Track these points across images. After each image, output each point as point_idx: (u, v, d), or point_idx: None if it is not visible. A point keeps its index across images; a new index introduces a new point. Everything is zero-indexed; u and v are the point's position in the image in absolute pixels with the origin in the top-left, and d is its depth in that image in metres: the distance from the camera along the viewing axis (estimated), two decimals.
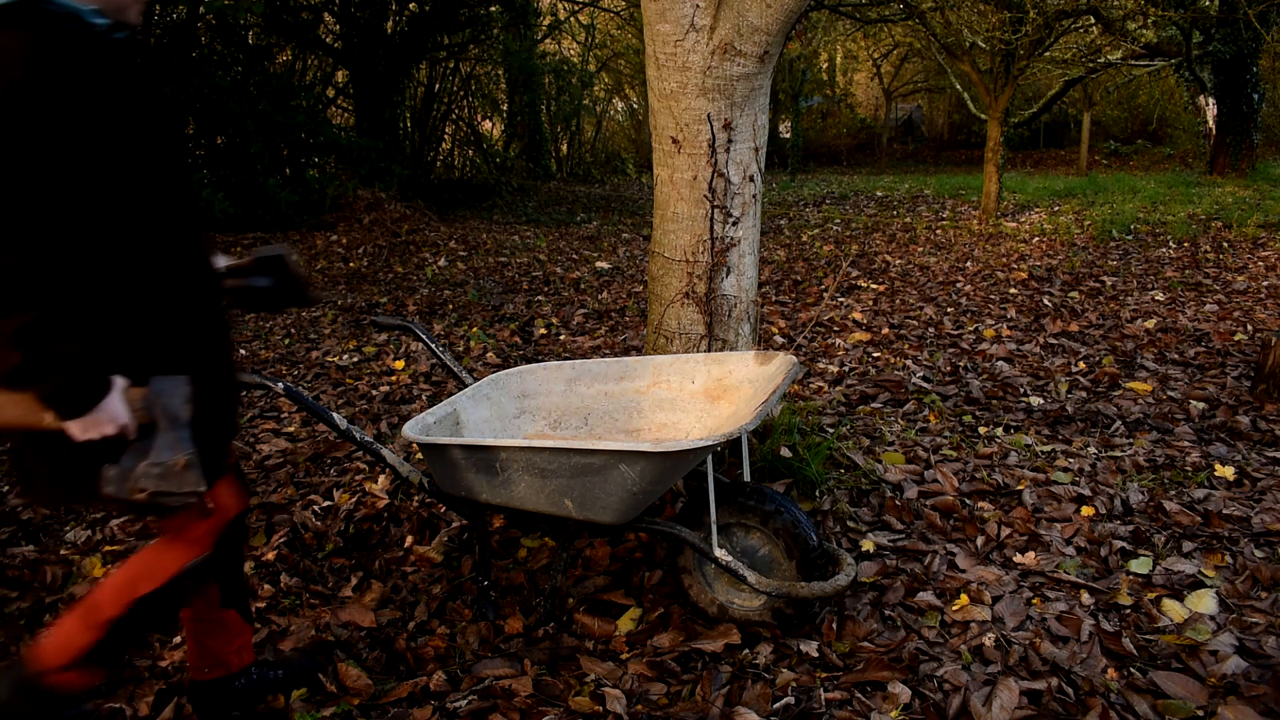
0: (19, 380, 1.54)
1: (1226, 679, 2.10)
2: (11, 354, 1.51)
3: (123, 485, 1.62)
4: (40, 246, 1.52)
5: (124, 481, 1.61)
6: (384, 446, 2.53)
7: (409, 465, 2.50)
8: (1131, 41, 11.87)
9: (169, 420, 1.62)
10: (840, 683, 2.16)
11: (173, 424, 1.63)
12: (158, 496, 1.62)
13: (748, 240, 3.06)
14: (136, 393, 1.63)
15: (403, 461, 2.51)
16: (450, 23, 12.31)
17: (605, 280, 7.41)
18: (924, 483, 3.24)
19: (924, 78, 23.76)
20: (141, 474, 1.61)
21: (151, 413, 1.63)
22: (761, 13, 2.77)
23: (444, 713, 2.13)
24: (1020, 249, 8.11)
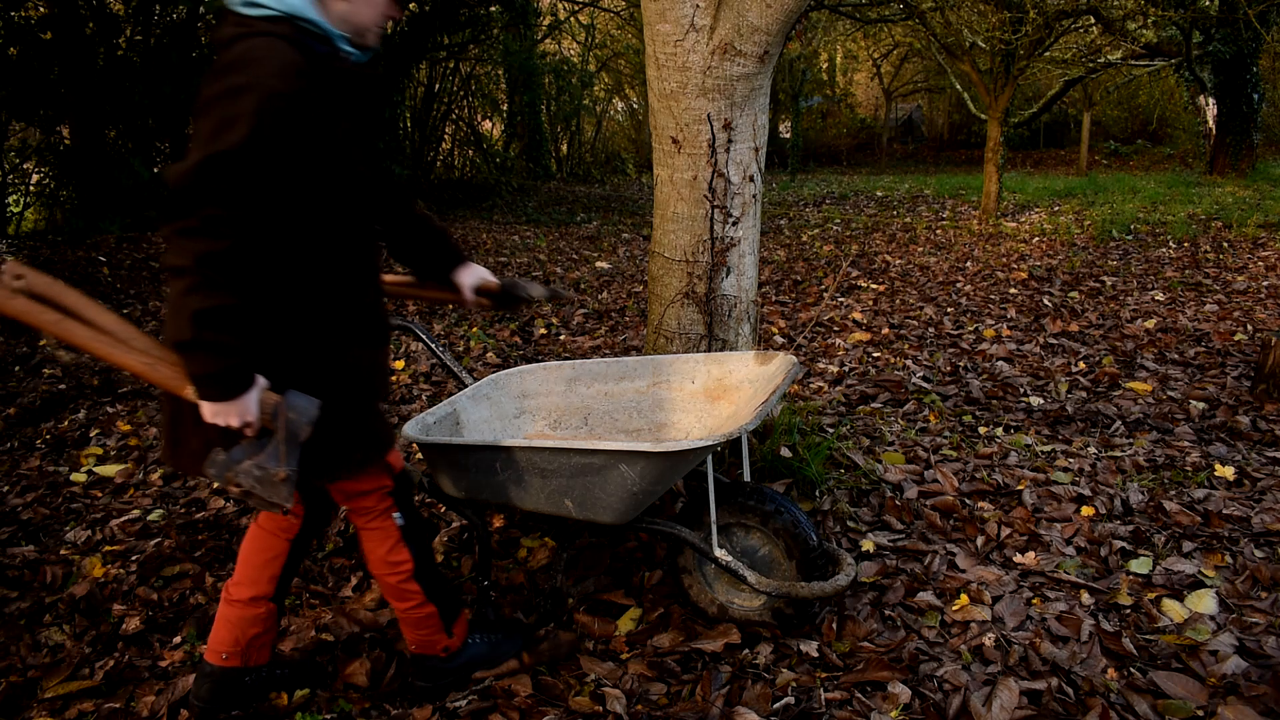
0: (180, 349, 1.66)
1: (1226, 679, 2.10)
2: (185, 326, 1.62)
3: (223, 472, 1.71)
4: (251, 242, 1.66)
5: (225, 469, 1.71)
6: None
7: (409, 465, 2.50)
8: (1131, 41, 11.87)
9: (288, 434, 1.72)
10: (840, 683, 2.16)
11: (289, 439, 1.72)
12: (248, 495, 1.71)
13: (748, 240, 3.06)
14: (271, 398, 1.73)
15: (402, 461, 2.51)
16: (450, 23, 12.31)
17: (605, 280, 7.41)
18: (924, 483, 3.24)
19: (924, 78, 23.76)
20: (243, 470, 1.71)
21: (275, 421, 1.72)
22: (761, 13, 2.77)
23: (444, 712, 2.13)
24: (1020, 249, 8.11)
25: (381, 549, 2.04)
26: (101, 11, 9.52)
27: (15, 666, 2.33)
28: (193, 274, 1.60)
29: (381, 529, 2.04)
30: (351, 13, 1.81)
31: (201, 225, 1.59)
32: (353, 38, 1.83)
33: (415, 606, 2.09)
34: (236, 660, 2.10)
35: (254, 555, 2.11)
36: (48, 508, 3.29)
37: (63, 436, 4.01)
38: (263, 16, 1.70)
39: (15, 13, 9.06)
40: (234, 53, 1.66)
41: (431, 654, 2.16)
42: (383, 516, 2.03)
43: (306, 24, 1.73)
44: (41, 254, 7.50)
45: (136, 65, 9.69)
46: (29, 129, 10.35)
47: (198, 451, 1.79)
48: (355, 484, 1.99)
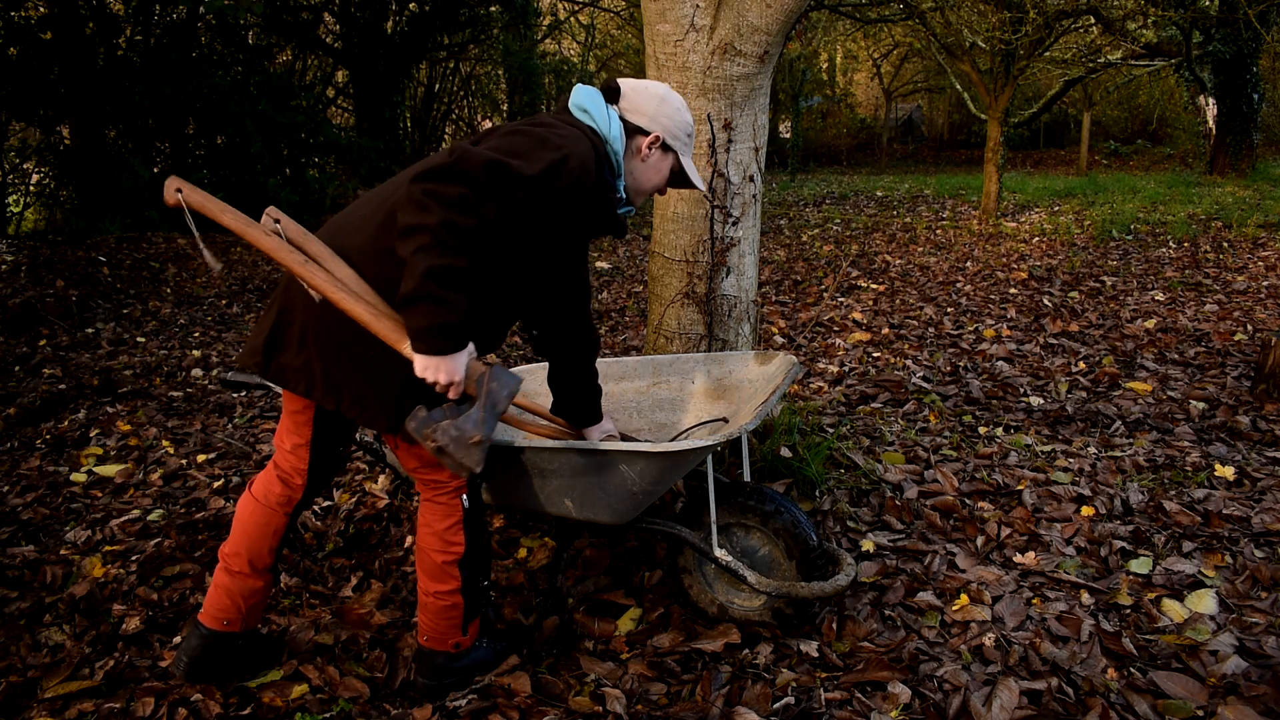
0: (407, 302, 1.75)
1: (1226, 679, 2.10)
2: (416, 280, 1.73)
3: (422, 429, 1.81)
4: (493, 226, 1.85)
5: (425, 426, 1.81)
6: (384, 446, 2.54)
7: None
8: (1131, 41, 11.87)
9: (489, 402, 1.83)
10: (840, 683, 2.16)
11: (489, 407, 1.83)
12: (443, 453, 1.81)
13: (748, 240, 3.06)
14: (478, 366, 1.85)
15: None
16: (450, 23, 12.31)
17: (605, 280, 7.41)
18: (924, 483, 3.24)
19: (924, 78, 23.77)
20: (442, 429, 1.80)
21: (479, 389, 1.83)
22: (761, 13, 2.77)
23: (444, 712, 2.13)
24: (1020, 249, 8.11)
25: (441, 525, 2.08)
26: (101, 11, 9.53)
27: (15, 666, 2.33)
28: (433, 233, 1.72)
29: (447, 505, 2.08)
30: (639, 173, 2.14)
31: (459, 200, 1.73)
32: (627, 187, 2.14)
33: (448, 593, 2.10)
34: (236, 626, 2.18)
35: (254, 528, 2.17)
36: (48, 508, 3.29)
37: (63, 436, 4.01)
38: (586, 125, 2.03)
39: (15, 13, 9.07)
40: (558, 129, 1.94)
41: (441, 649, 2.17)
42: (453, 494, 2.08)
43: (611, 154, 2.05)
44: (41, 254, 7.50)
45: (136, 65, 9.69)
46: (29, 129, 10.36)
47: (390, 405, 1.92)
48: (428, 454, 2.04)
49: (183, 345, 5.65)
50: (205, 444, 3.90)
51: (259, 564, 2.18)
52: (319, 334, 1.93)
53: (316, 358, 1.93)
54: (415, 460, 2.06)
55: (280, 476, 2.18)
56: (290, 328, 1.96)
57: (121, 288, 6.89)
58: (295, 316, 1.96)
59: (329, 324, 1.92)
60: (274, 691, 2.21)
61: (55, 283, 6.61)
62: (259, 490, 2.20)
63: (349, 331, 1.90)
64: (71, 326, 5.89)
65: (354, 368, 1.92)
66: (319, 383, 1.94)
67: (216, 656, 2.19)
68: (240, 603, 2.17)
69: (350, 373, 1.92)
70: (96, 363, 5.11)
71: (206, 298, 6.97)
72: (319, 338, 1.93)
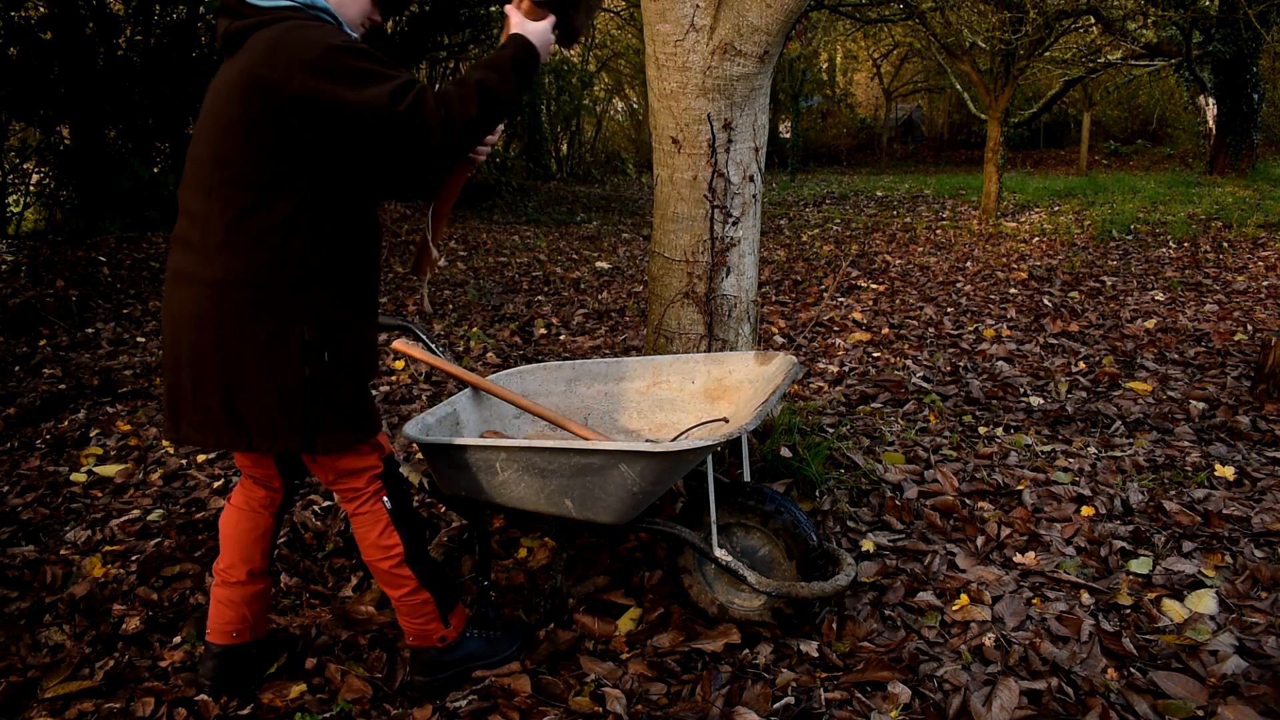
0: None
1: (1226, 679, 2.10)
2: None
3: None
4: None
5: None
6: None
7: (409, 465, 2.50)
8: (1131, 41, 11.87)
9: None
10: (840, 683, 2.16)
11: None
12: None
13: (748, 240, 3.06)
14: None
15: (403, 461, 2.52)
16: (450, 23, 12.31)
17: (605, 280, 7.41)
18: (924, 483, 3.24)
19: (924, 78, 23.76)
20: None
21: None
22: (761, 13, 2.77)
23: (444, 712, 2.13)
24: (1020, 249, 8.11)
25: (372, 533, 2.07)
26: (101, 11, 9.53)
27: (15, 666, 2.33)
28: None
29: (371, 513, 2.07)
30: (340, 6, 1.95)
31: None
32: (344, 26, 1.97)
33: (409, 593, 2.10)
34: (247, 635, 2.20)
35: (242, 535, 2.18)
36: (48, 508, 3.29)
37: (63, 436, 4.01)
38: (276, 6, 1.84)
39: (15, 13, 9.07)
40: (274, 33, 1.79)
41: (428, 645, 2.17)
42: (372, 500, 2.07)
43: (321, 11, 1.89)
44: (41, 254, 7.50)
45: (136, 65, 9.69)
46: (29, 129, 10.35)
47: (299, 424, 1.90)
48: (348, 461, 2.03)
49: None
50: None
51: (255, 568, 2.19)
52: (205, 378, 1.86)
53: (214, 404, 1.88)
54: (331, 473, 2.04)
55: (257, 483, 2.20)
56: (179, 388, 1.90)
57: (121, 288, 6.89)
58: (181, 373, 1.89)
59: (212, 364, 1.85)
60: (273, 691, 2.21)
61: (55, 283, 6.61)
62: (239, 500, 2.21)
63: (233, 364, 1.85)
64: (71, 326, 5.89)
65: (251, 397, 1.87)
66: (224, 430, 1.89)
67: (236, 669, 2.19)
68: (245, 611, 2.18)
69: (249, 403, 1.87)
70: (96, 363, 5.11)
71: None
72: (207, 382, 1.86)
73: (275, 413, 1.87)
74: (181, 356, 1.89)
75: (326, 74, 1.75)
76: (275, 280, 1.84)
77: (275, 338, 1.84)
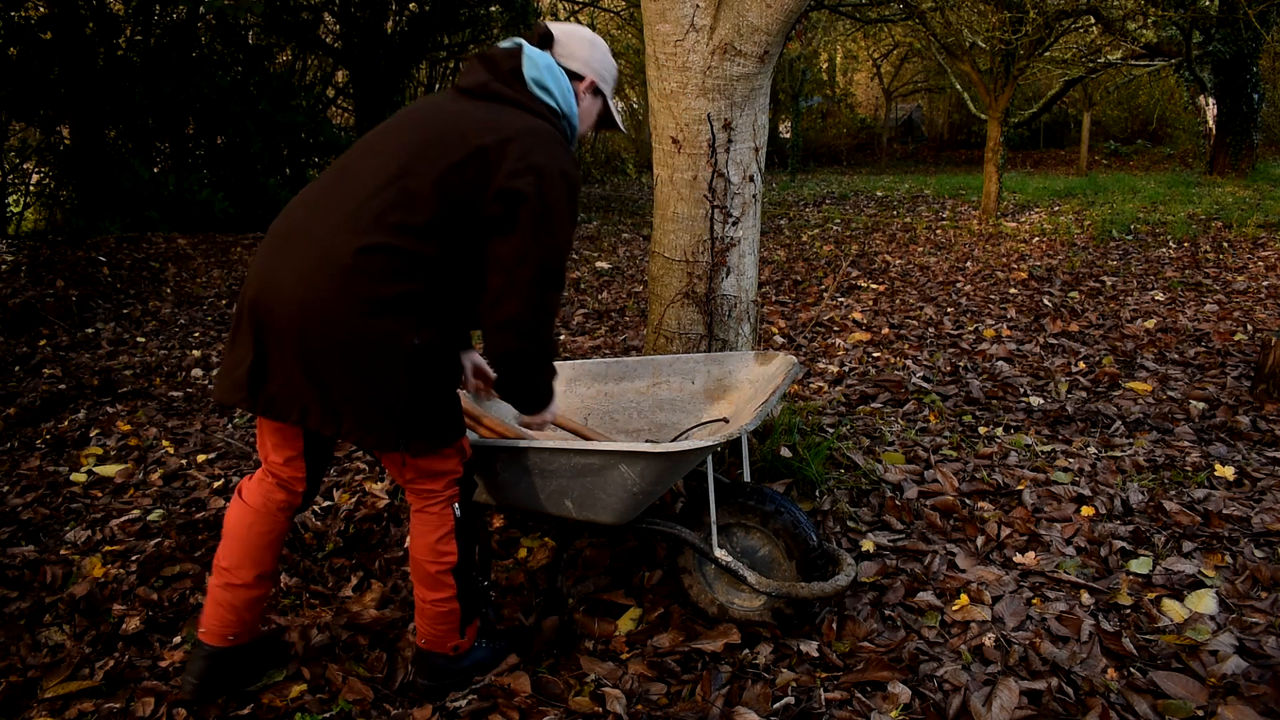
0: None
1: (1226, 679, 2.10)
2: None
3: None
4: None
5: None
6: None
7: None
8: (1131, 41, 11.87)
9: None
10: (840, 683, 2.16)
11: None
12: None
13: (748, 240, 3.06)
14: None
15: None
16: (450, 23, 12.31)
17: (605, 280, 7.41)
18: (924, 483, 3.24)
19: (924, 78, 23.76)
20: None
21: None
22: (761, 13, 2.77)
23: (444, 712, 2.13)
24: (1020, 249, 8.11)
25: (432, 535, 2.06)
26: (101, 11, 9.53)
27: (15, 666, 2.33)
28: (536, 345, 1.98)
29: (439, 516, 2.07)
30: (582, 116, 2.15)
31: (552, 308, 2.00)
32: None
33: (443, 600, 2.10)
34: (244, 638, 2.16)
35: (257, 537, 2.12)
36: (48, 508, 3.29)
37: (63, 436, 4.01)
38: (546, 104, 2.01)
39: (15, 13, 9.07)
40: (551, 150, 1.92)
41: (440, 652, 2.16)
42: (444, 504, 2.07)
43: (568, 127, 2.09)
44: (41, 254, 7.50)
45: (136, 65, 9.69)
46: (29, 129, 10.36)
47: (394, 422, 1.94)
48: (432, 462, 2.03)
49: (183, 345, 5.65)
50: (205, 444, 3.90)
51: (264, 572, 2.14)
52: (310, 361, 1.86)
53: (308, 384, 1.87)
54: (412, 472, 2.04)
55: (280, 484, 2.14)
56: (272, 358, 1.89)
57: (121, 288, 6.89)
58: (276, 345, 1.88)
59: (320, 350, 1.86)
60: (273, 692, 2.21)
61: (55, 283, 6.61)
62: (256, 499, 2.14)
63: (343, 355, 1.85)
64: (71, 326, 5.89)
65: (353, 390, 1.87)
66: (315, 410, 1.88)
67: (225, 673, 2.15)
68: (245, 615, 2.14)
69: (350, 395, 1.87)
70: (96, 363, 5.11)
71: (206, 298, 6.97)
72: (310, 364, 1.86)
73: (376, 407, 1.89)
74: (277, 331, 1.87)
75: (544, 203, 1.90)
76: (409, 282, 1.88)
77: (392, 335, 1.87)
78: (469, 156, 1.86)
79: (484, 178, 1.86)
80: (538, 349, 1.96)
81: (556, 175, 1.89)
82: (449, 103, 1.98)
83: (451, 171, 1.86)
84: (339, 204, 1.91)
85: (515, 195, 1.85)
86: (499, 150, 1.86)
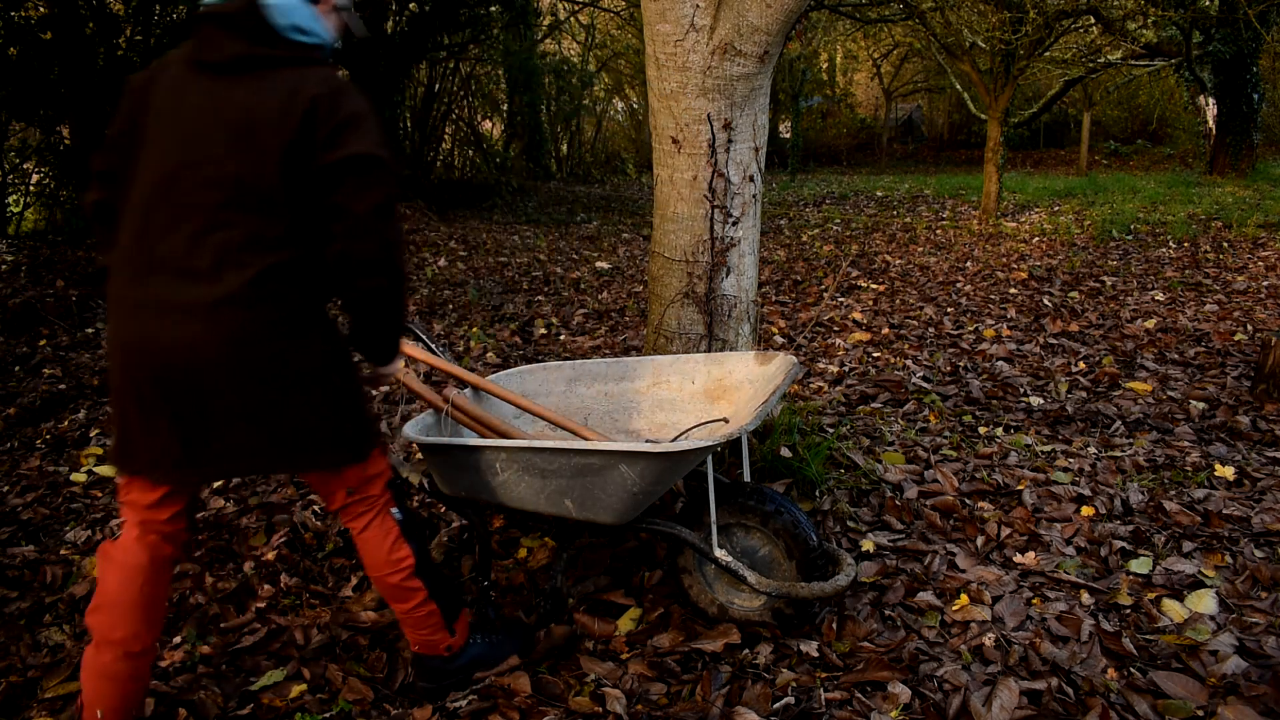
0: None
1: (1226, 679, 2.10)
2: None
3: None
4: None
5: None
6: None
7: (409, 465, 2.50)
8: (1131, 41, 11.87)
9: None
10: (840, 683, 2.16)
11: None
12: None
13: (748, 240, 3.06)
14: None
15: (403, 461, 2.52)
16: (450, 23, 12.30)
17: (605, 280, 7.41)
18: (924, 483, 3.24)
19: (924, 78, 23.76)
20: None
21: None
22: (761, 13, 2.77)
23: (444, 712, 2.13)
24: (1020, 249, 8.11)
25: (383, 547, 2.02)
26: (101, 11, 9.52)
27: (15, 666, 2.33)
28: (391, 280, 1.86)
29: (381, 526, 2.03)
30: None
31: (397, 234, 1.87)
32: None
33: (418, 605, 2.07)
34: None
35: (150, 599, 1.93)
36: (48, 508, 3.29)
37: (63, 436, 4.01)
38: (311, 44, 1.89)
39: (15, 13, 9.07)
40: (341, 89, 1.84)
41: (434, 654, 2.15)
42: (383, 513, 2.04)
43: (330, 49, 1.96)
44: (41, 254, 7.50)
45: (136, 65, 9.69)
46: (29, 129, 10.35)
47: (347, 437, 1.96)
48: (367, 468, 2.00)
49: None
50: None
51: (158, 634, 1.97)
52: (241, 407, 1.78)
53: (238, 428, 1.79)
54: (356, 480, 1.99)
55: (166, 538, 1.96)
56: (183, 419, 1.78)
57: None
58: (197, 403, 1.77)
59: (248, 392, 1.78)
60: (273, 692, 2.21)
61: (55, 283, 6.61)
62: (141, 559, 1.92)
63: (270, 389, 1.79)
64: (71, 326, 5.89)
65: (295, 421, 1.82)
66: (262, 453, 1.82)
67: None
68: (146, 684, 1.97)
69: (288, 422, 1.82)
70: (96, 363, 5.11)
71: None
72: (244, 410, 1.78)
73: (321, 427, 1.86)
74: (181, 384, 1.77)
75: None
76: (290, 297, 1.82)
77: (299, 354, 1.83)
78: (292, 134, 1.77)
79: (309, 152, 1.77)
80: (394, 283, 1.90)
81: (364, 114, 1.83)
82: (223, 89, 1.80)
83: (281, 161, 1.77)
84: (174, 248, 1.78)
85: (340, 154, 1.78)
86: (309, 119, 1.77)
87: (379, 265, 1.82)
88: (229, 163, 1.77)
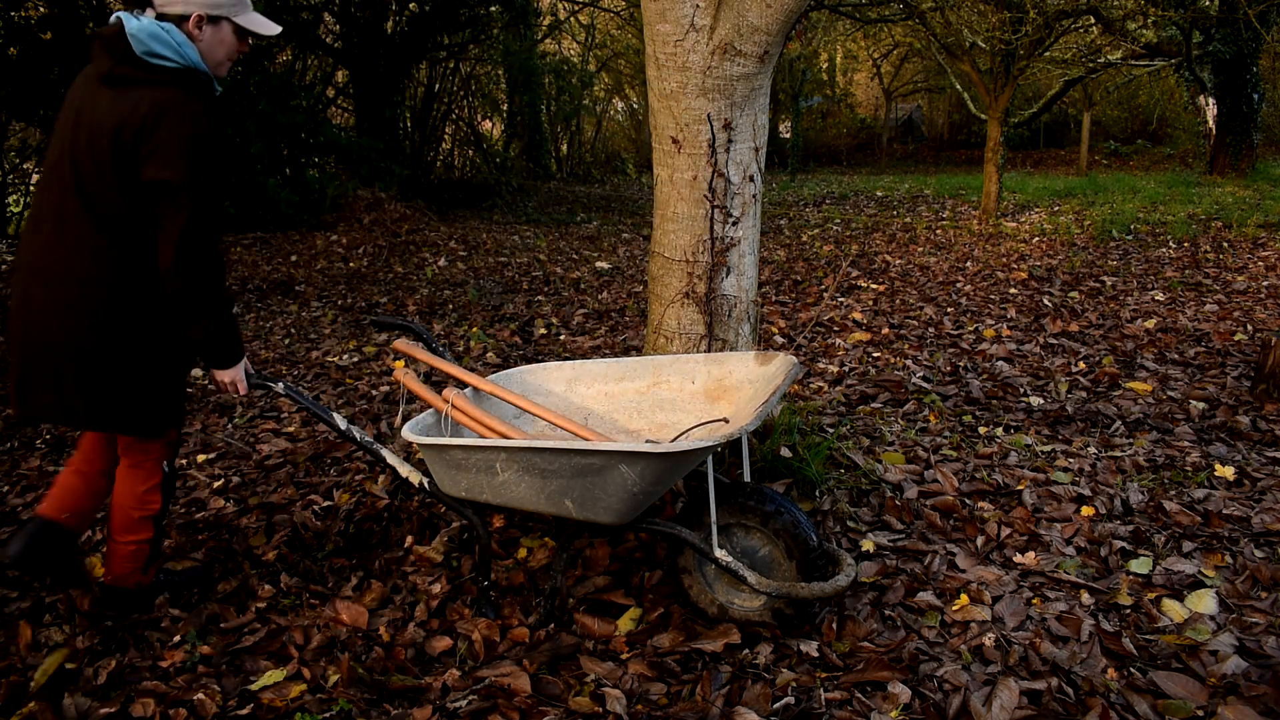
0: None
1: (1226, 679, 2.10)
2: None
3: None
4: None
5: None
6: (384, 446, 2.54)
7: (409, 465, 2.50)
8: (1131, 41, 11.87)
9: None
10: (840, 683, 2.16)
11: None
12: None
13: (748, 240, 3.06)
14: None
15: (403, 461, 2.52)
16: (450, 23, 12.30)
17: (605, 280, 7.41)
18: (924, 483, 3.24)
19: (924, 78, 23.75)
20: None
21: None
22: (761, 13, 2.77)
23: (444, 712, 2.13)
24: (1020, 249, 8.11)
25: (141, 487, 2.38)
26: (101, 11, 9.52)
27: (15, 666, 2.33)
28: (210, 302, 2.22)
29: (149, 470, 2.38)
30: (205, 54, 2.20)
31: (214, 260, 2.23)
32: (217, 78, 2.26)
33: (139, 543, 2.41)
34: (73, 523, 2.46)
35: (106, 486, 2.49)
36: None
37: (62, 436, 4.01)
38: (170, 68, 2.12)
39: (15, 13, 9.07)
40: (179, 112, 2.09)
41: (124, 587, 2.47)
42: (156, 462, 2.39)
43: (204, 74, 2.18)
44: None
45: None
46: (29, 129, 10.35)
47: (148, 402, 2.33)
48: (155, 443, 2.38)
49: None
50: (205, 444, 3.90)
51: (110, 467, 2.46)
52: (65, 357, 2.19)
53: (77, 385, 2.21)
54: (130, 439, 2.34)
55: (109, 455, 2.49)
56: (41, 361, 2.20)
57: None
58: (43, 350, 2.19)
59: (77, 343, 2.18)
60: (274, 692, 2.21)
61: None
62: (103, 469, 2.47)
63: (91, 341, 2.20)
64: None
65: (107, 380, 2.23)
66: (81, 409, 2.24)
67: (50, 547, 2.43)
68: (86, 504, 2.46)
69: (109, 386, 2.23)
70: None
71: None
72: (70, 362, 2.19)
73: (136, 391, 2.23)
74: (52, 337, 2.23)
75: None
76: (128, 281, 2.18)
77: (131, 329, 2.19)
78: (116, 146, 2.08)
79: (131, 164, 2.08)
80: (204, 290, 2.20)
81: (182, 139, 2.07)
82: (104, 97, 2.13)
83: (114, 168, 2.09)
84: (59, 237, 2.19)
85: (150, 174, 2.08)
86: (135, 135, 2.06)
87: (177, 273, 2.12)
88: (86, 163, 2.11)
